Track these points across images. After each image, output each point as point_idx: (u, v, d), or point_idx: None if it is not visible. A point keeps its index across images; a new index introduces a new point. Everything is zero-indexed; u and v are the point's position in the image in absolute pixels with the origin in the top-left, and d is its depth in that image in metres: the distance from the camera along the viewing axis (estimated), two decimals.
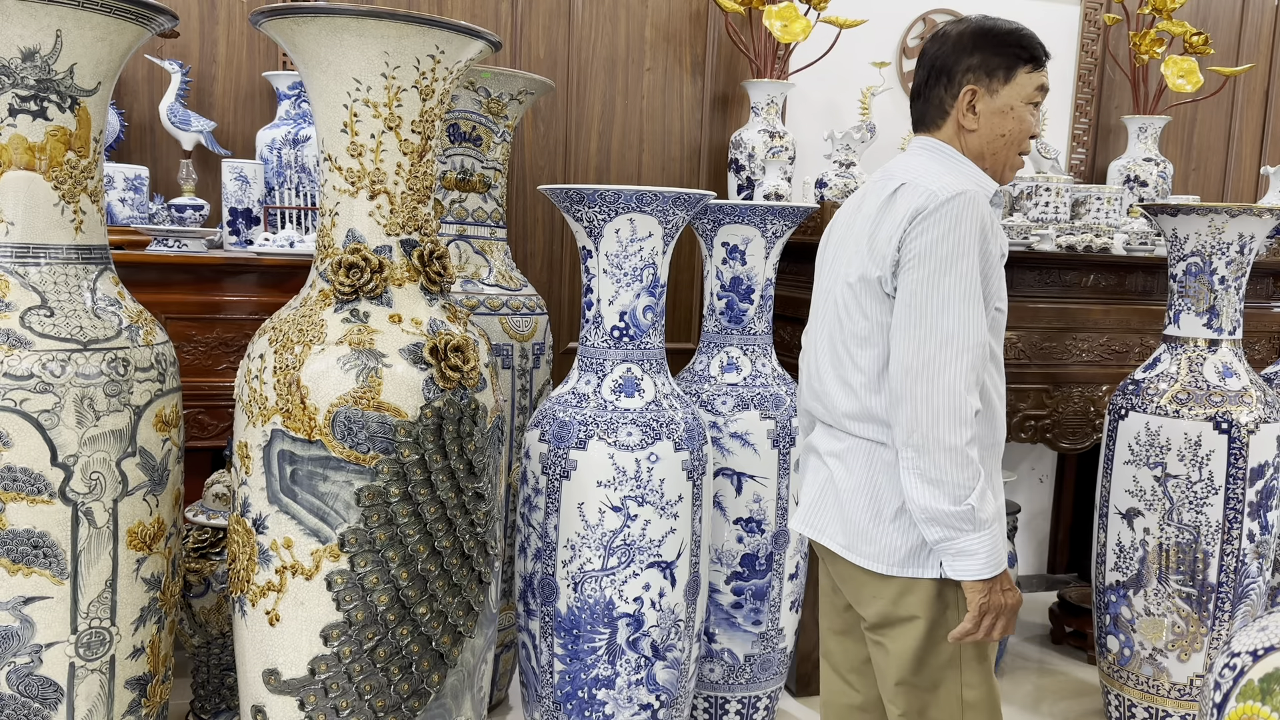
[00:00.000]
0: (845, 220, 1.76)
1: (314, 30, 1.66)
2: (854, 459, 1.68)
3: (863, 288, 1.64)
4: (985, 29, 1.67)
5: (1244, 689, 1.34)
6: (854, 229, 1.70)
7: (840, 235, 1.75)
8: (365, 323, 1.70)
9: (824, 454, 1.75)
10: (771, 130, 3.22)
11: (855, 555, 1.68)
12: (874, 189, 1.70)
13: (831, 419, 1.73)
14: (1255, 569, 2.45)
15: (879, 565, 1.65)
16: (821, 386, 1.74)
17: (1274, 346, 3.20)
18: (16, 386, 1.58)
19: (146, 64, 2.90)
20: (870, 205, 1.67)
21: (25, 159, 1.63)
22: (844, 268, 1.69)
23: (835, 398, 1.70)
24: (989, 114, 1.67)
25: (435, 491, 1.70)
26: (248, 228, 2.73)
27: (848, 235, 1.71)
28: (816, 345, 1.76)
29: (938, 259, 1.54)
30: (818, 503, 1.76)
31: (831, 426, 1.74)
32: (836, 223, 1.80)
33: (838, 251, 1.74)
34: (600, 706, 2.05)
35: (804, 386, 1.83)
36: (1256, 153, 4.14)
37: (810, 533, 1.77)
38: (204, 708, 2.39)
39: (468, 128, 2.46)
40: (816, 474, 1.78)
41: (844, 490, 1.69)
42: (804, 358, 1.83)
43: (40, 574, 1.62)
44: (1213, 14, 4.00)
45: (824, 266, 1.81)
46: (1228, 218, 2.40)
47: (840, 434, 1.71)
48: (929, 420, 1.52)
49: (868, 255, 1.63)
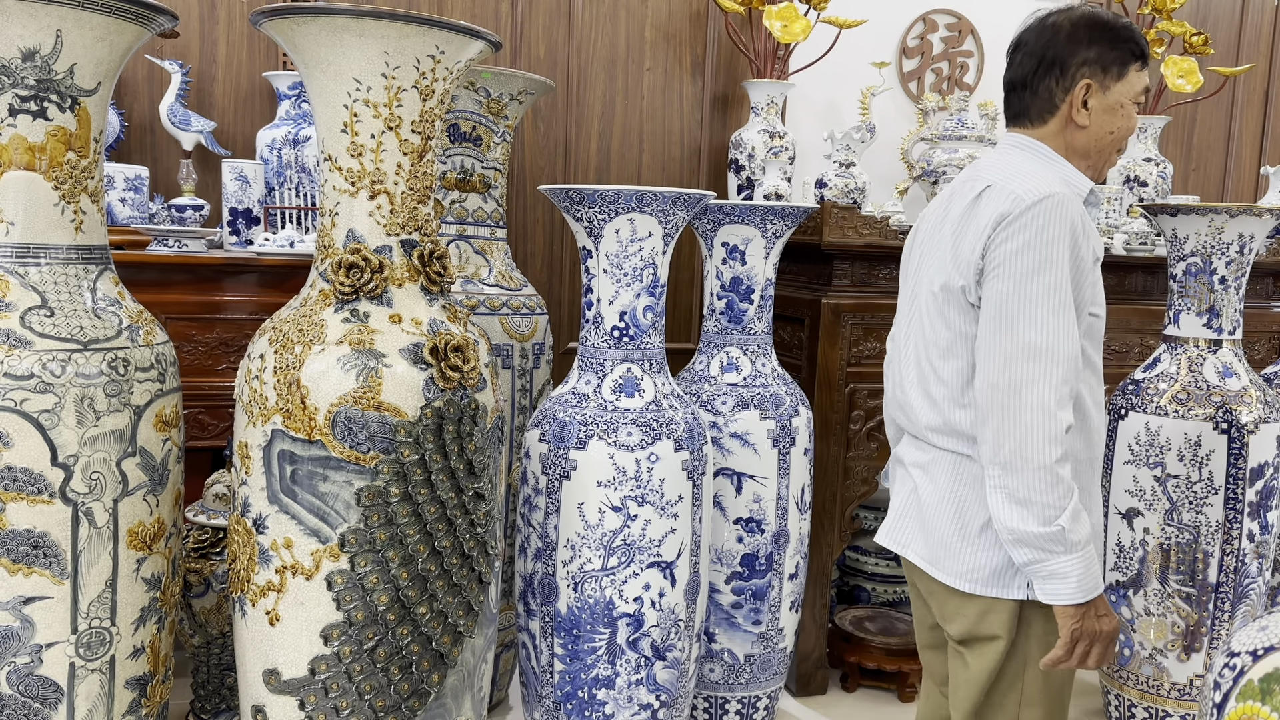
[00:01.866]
0: (932, 223, 1.68)
1: (314, 30, 1.66)
2: (939, 471, 1.63)
3: (945, 296, 1.57)
4: (1100, 21, 1.58)
5: (1244, 689, 1.34)
6: (940, 233, 1.62)
7: (925, 239, 1.68)
8: (365, 323, 1.70)
9: (909, 465, 1.70)
10: (771, 130, 3.22)
11: (939, 571, 1.63)
12: (961, 189, 1.62)
13: (915, 430, 1.68)
14: (1255, 569, 2.45)
15: (963, 583, 1.59)
16: (905, 397, 1.69)
17: (1274, 346, 3.20)
18: (16, 386, 1.58)
19: (146, 64, 2.90)
20: (956, 208, 1.59)
21: (25, 159, 1.63)
22: (928, 274, 1.63)
23: (918, 409, 1.65)
24: (1100, 110, 1.59)
25: (435, 491, 1.70)
26: (248, 228, 2.73)
27: (933, 240, 1.64)
28: (902, 354, 1.71)
29: (1024, 267, 1.47)
30: (902, 516, 1.71)
31: (916, 438, 1.69)
32: (922, 224, 1.72)
33: (923, 256, 1.67)
34: (600, 706, 2.05)
35: (889, 396, 1.78)
36: (1256, 153, 4.14)
37: (894, 546, 1.71)
38: (204, 708, 2.39)
39: (468, 128, 2.46)
40: (902, 485, 1.73)
41: (928, 503, 1.64)
42: (889, 366, 1.78)
43: (40, 574, 1.62)
44: (1213, 14, 4.00)
45: (909, 271, 1.73)
46: (1228, 218, 2.40)
47: (925, 445, 1.66)
48: (1017, 438, 1.44)
49: (951, 262, 1.56)
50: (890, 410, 1.78)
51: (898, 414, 1.74)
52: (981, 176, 1.59)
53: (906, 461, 1.71)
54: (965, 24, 3.69)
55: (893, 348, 1.77)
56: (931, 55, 3.69)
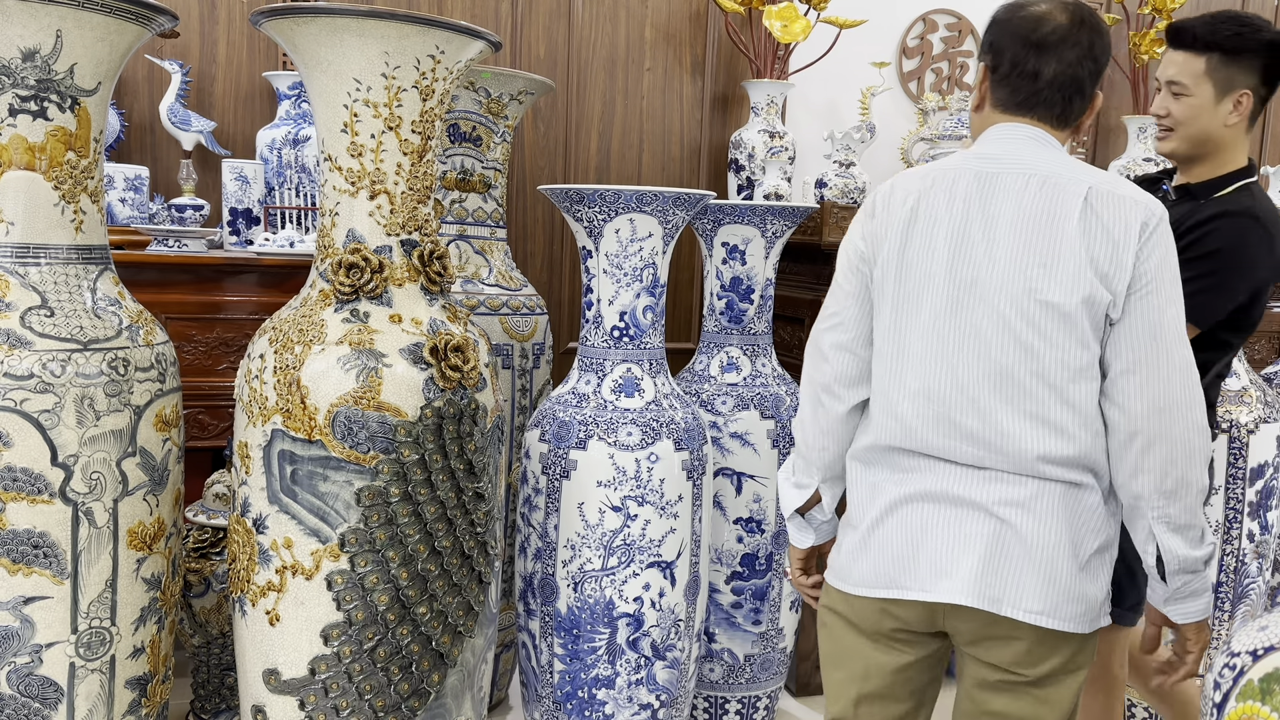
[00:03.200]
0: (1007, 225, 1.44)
1: (314, 30, 1.66)
2: (1045, 506, 1.43)
3: (1086, 313, 1.41)
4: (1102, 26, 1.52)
5: (1244, 689, 1.34)
6: (1038, 236, 1.42)
7: (989, 243, 1.44)
8: (365, 323, 1.70)
9: (991, 505, 1.44)
10: (771, 130, 3.22)
11: (1057, 620, 1.44)
12: (1032, 185, 1.44)
13: (1008, 463, 1.44)
14: (1255, 569, 2.45)
15: (1083, 625, 1.46)
16: (983, 425, 1.44)
17: (1274, 346, 3.20)
18: (16, 386, 1.58)
19: (146, 64, 2.90)
20: (1063, 210, 1.42)
21: (25, 159, 1.63)
22: (1038, 284, 1.41)
23: (1023, 439, 1.43)
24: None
25: (435, 491, 1.70)
26: (248, 228, 2.73)
27: (1019, 245, 1.43)
28: (956, 375, 1.45)
29: (1168, 281, 1.40)
30: (993, 566, 1.44)
31: (1002, 471, 1.45)
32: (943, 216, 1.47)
33: (994, 266, 1.43)
34: (600, 706, 2.06)
35: (926, 422, 1.47)
36: (1257, 153, 4.14)
37: (986, 605, 1.44)
38: (204, 708, 2.39)
39: (468, 128, 2.47)
40: (971, 529, 1.45)
41: (1039, 545, 1.43)
42: (912, 385, 1.48)
43: (40, 574, 1.62)
44: None
45: (955, 280, 1.46)
46: None
47: (1021, 479, 1.44)
48: (1184, 463, 1.39)
49: (1093, 275, 1.40)
50: (925, 439, 1.47)
51: (952, 445, 1.46)
52: (1065, 175, 1.45)
53: (984, 501, 1.45)
54: (965, 24, 3.69)
55: (922, 368, 1.48)
56: (931, 55, 3.69)
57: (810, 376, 1.62)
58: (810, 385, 1.62)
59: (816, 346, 1.61)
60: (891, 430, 1.50)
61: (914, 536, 1.48)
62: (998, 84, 1.52)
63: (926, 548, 1.47)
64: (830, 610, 1.62)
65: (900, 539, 1.49)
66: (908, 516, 1.48)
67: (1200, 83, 1.86)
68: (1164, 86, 1.91)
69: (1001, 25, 1.52)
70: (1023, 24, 1.49)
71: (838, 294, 1.58)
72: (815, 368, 1.61)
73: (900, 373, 1.49)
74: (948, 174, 1.50)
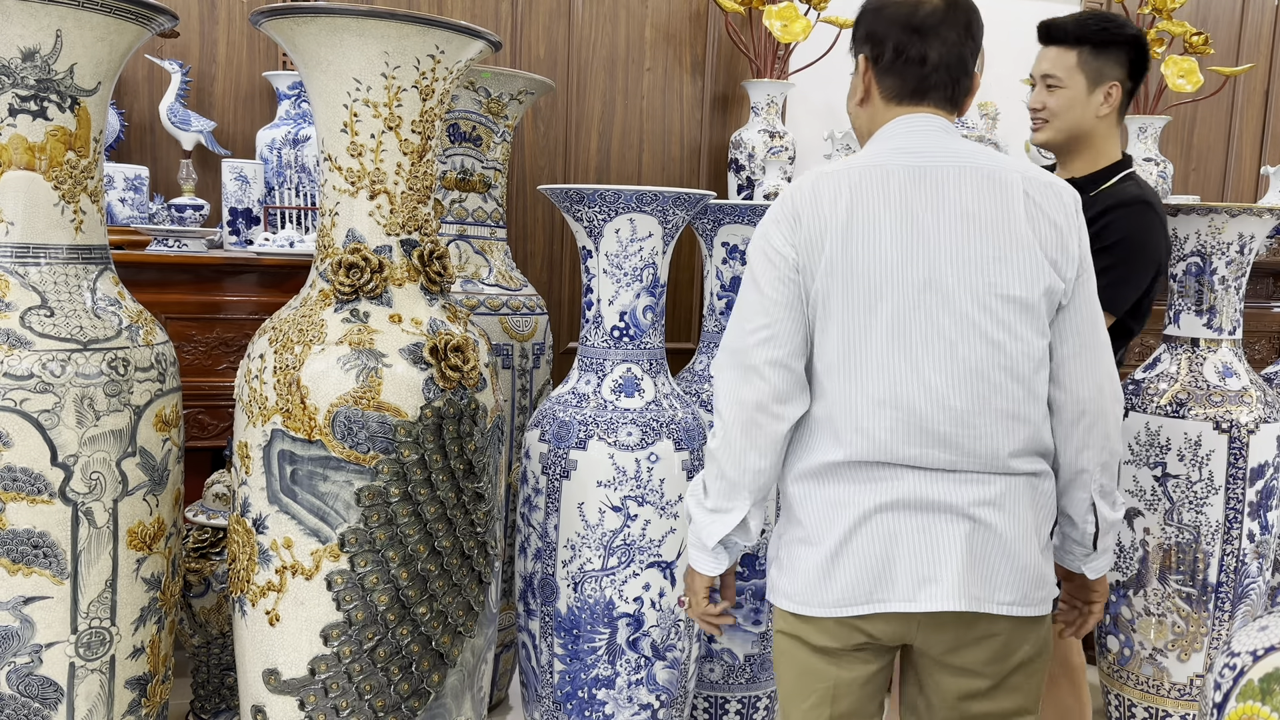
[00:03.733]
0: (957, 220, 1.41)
1: (314, 30, 1.66)
2: (1013, 500, 1.44)
3: (1045, 303, 1.42)
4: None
5: (1244, 689, 1.34)
6: (987, 230, 1.40)
7: (941, 240, 1.40)
8: (365, 323, 1.70)
9: (966, 506, 1.42)
10: (771, 130, 3.22)
11: (1029, 606, 1.45)
12: (970, 177, 1.42)
13: (979, 463, 1.43)
14: (1255, 569, 2.45)
15: (1047, 606, 1.48)
16: (956, 428, 1.41)
17: (1274, 346, 3.21)
18: (16, 386, 1.58)
19: (146, 64, 2.90)
20: (1012, 202, 1.41)
21: (25, 159, 1.63)
22: (997, 279, 1.40)
23: (994, 437, 1.41)
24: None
25: (435, 491, 1.70)
26: (248, 228, 2.73)
27: (974, 239, 1.40)
28: (924, 380, 1.41)
29: (1089, 262, 1.46)
30: (973, 567, 1.42)
31: (973, 472, 1.43)
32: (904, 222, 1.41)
33: (951, 263, 1.40)
34: (600, 706, 2.06)
35: (894, 433, 1.42)
36: (1256, 153, 4.15)
37: (976, 606, 1.43)
38: (204, 708, 2.39)
39: (468, 128, 2.46)
40: (945, 534, 1.42)
41: (1011, 539, 1.43)
42: (876, 396, 1.42)
43: (40, 574, 1.62)
44: (1213, 14, 4.00)
45: (909, 282, 1.41)
46: (1228, 218, 2.40)
47: (990, 477, 1.43)
48: (1115, 435, 1.46)
49: (1047, 265, 1.41)
50: (889, 447, 1.42)
51: (916, 451, 1.42)
52: (992, 165, 1.44)
53: (957, 503, 1.42)
54: None
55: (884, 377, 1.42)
56: None
57: (738, 396, 1.47)
58: (739, 406, 1.46)
59: (745, 363, 1.46)
60: (856, 445, 1.43)
61: (887, 548, 1.43)
62: (884, 73, 1.49)
63: (902, 558, 1.42)
64: (789, 636, 1.53)
65: (873, 552, 1.43)
66: (877, 528, 1.43)
67: (1073, 75, 1.98)
68: (1038, 81, 2.04)
69: (876, 14, 1.49)
70: (899, 10, 1.46)
71: (765, 305, 1.45)
72: (746, 385, 1.46)
73: (860, 384, 1.42)
74: (874, 171, 1.44)
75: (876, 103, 1.52)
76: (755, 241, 1.49)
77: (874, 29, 1.49)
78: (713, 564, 1.56)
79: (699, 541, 1.55)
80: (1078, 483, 1.52)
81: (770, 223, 1.47)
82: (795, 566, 1.49)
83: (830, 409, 1.45)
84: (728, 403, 1.48)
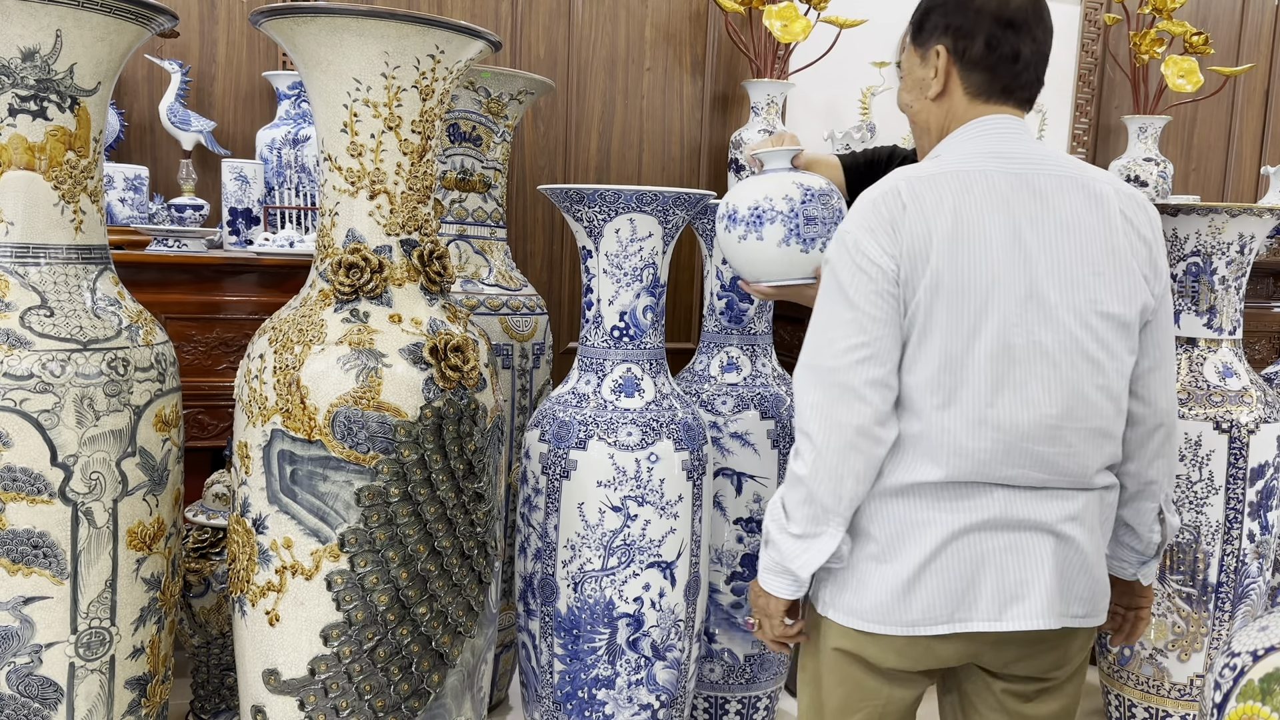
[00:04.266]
0: (1059, 233, 1.36)
1: (314, 30, 1.66)
2: (1090, 514, 1.43)
3: (1140, 321, 1.41)
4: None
5: (1244, 689, 1.34)
6: (1087, 245, 1.36)
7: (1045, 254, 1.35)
8: (365, 323, 1.70)
9: (1054, 523, 1.39)
10: (771, 130, 3.22)
11: (1096, 617, 1.46)
12: (1069, 188, 1.38)
13: (1068, 480, 1.40)
14: (1255, 569, 2.45)
15: (1105, 614, 1.50)
16: (1055, 448, 1.37)
17: (1274, 346, 3.21)
18: (16, 386, 1.58)
19: (146, 64, 2.90)
20: (1102, 215, 1.38)
21: (25, 159, 1.63)
22: (1097, 295, 1.36)
23: (1086, 454, 1.39)
24: None
25: (435, 491, 1.70)
26: (248, 228, 2.73)
27: (1074, 254, 1.36)
28: (1028, 400, 1.35)
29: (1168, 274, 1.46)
30: (1059, 583, 1.40)
31: (1060, 489, 1.40)
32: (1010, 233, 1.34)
33: (1053, 278, 1.35)
34: (600, 706, 2.05)
35: (995, 454, 1.36)
36: (1256, 153, 4.15)
37: (1060, 622, 1.42)
38: (204, 708, 2.39)
39: (468, 128, 2.46)
40: (1035, 554, 1.39)
41: (1089, 553, 1.42)
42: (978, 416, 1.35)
43: (40, 574, 1.62)
44: (1213, 14, 4.00)
45: (1014, 297, 1.34)
46: (1228, 218, 2.40)
47: (1074, 494, 1.41)
48: (1179, 445, 1.57)
49: (1142, 282, 1.39)
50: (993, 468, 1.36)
51: (1018, 471, 1.37)
52: (1086, 175, 1.40)
53: (1048, 520, 1.39)
54: None
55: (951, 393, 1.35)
56: None
57: (834, 419, 1.36)
58: (836, 430, 1.36)
59: (843, 384, 1.36)
60: (953, 466, 1.36)
61: (972, 568, 1.38)
62: (971, 68, 1.42)
63: (988, 577, 1.38)
64: (846, 654, 1.47)
65: (957, 572, 1.38)
66: (964, 548, 1.38)
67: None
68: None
69: (961, 5, 1.42)
70: (990, 1, 1.40)
71: (861, 321, 1.35)
72: (843, 407, 1.36)
73: (960, 402, 1.35)
74: (976, 177, 1.37)
75: (956, 99, 1.45)
76: (842, 251, 1.38)
77: (959, 21, 1.42)
78: (793, 589, 1.47)
79: (781, 567, 1.45)
80: (1146, 494, 1.50)
81: (862, 231, 1.36)
82: (864, 583, 1.42)
83: (923, 427, 1.37)
84: (822, 426, 1.37)
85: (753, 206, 1.85)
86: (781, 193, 1.83)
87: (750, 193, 1.87)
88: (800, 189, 1.84)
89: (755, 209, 1.84)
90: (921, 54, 1.48)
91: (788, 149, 1.89)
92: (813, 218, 1.81)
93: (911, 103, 1.52)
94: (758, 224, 1.83)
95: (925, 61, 1.47)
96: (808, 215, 1.80)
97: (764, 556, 1.48)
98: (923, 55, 1.48)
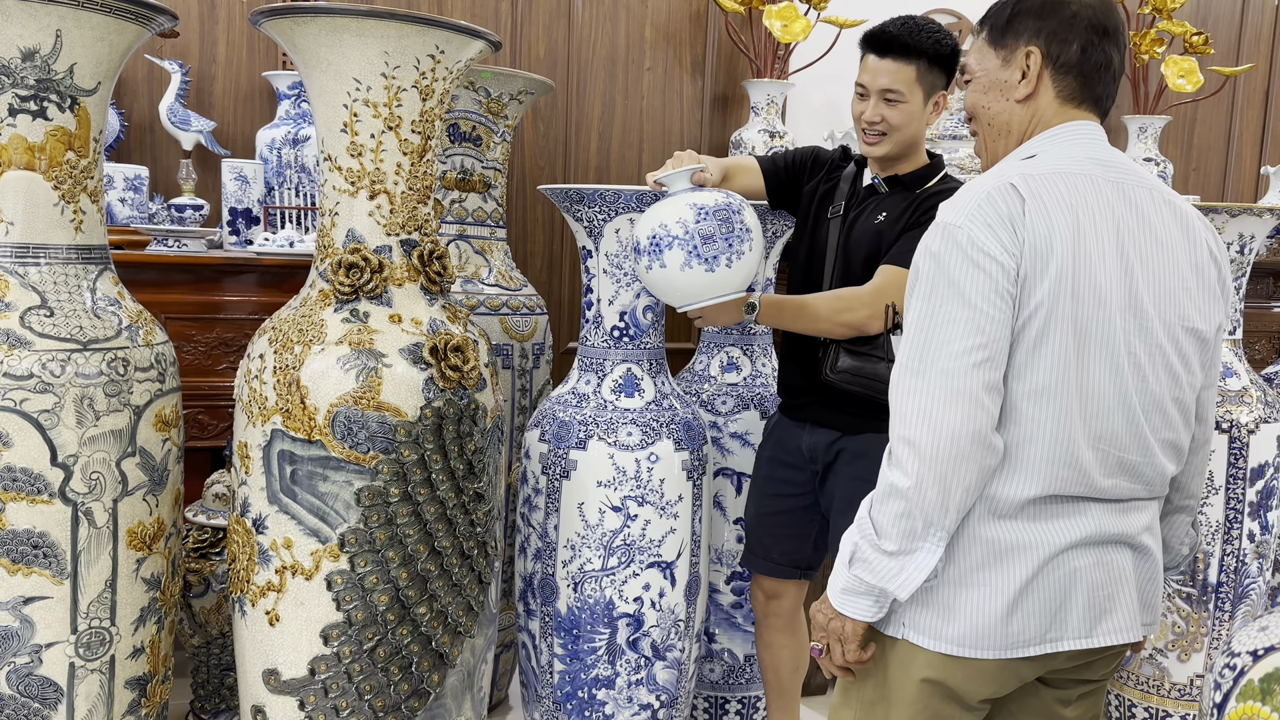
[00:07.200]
0: (1155, 245, 1.35)
1: (314, 30, 1.66)
2: (1156, 524, 1.44)
3: (1215, 337, 1.42)
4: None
5: (1244, 689, 1.34)
6: (1176, 259, 1.36)
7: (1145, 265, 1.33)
8: (365, 323, 1.70)
9: (1134, 535, 1.38)
10: (771, 130, 3.22)
11: (1155, 626, 1.46)
12: (1159, 203, 1.37)
13: (1150, 490, 1.40)
14: (1255, 569, 2.45)
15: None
16: (1144, 459, 1.36)
17: (1274, 346, 3.21)
18: (16, 386, 1.58)
19: (146, 64, 2.90)
20: (1196, 234, 1.39)
21: (25, 159, 1.63)
22: (1186, 310, 1.36)
23: (1163, 466, 1.39)
24: None
25: (435, 491, 1.70)
26: (248, 228, 2.73)
27: (1167, 267, 1.35)
28: (1130, 412, 1.34)
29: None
30: (1145, 595, 1.41)
31: (1141, 500, 1.40)
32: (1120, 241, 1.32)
33: (1150, 289, 1.33)
34: (600, 706, 2.05)
35: (1098, 467, 1.33)
36: (1256, 153, 4.14)
37: (1147, 632, 1.44)
38: (204, 708, 2.39)
39: (468, 128, 2.46)
40: (1129, 566, 1.39)
41: (1159, 562, 1.44)
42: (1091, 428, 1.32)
43: (40, 574, 1.62)
44: (1213, 14, 4.00)
45: (1122, 306, 1.32)
46: (1228, 218, 2.40)
47: (1149, 504, 1.41)
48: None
49: (1219, 297, 1.41)
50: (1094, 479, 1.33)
51: (1112, 482, 1.35)
52: (1162, 189, 1.40)
53: (1132, 532, 1.38)
54: (965, 24, 3.69)
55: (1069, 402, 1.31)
56: None
57: (951, 427, 1.26)
58: (952, 439, 1.26)
59: (958, 388, 1.27)
60: (1059, 478, 1.31)
61: (1065, 586, 1.33)
62: (1064, 73, 1.39)
63: (1079, 593, 1.34)
64: (933, 683, 1.36)
65: (1051, 592, 1.33)
66: (1059, 567, 1.33)
67: (913, 89, 1.94)
68: (874, 95, 1.96)
69: (1056, 7, 1.39)
70: (1086, 7, 1.38)
71: (978, 320, 1.27)
72: (956, 412, 1.26)
73: (1069, 411, 1.30)
74: (1084, 180, 1.33)
75: (1045, 102, 1.41)
76: (952, 247, 1.29)
77: (1054, 25, 1.39)
78: (875, 611, 1.36)
79: (868, 586, 1.33)
80: (1184, 508, 1.52)
81: (978, 226, 1.28)
82: (958, 608, 1.34)
83: (1027, 437, 1.31)
84: (932, 433, 1.27)
85: (650, 235, 1.84)
86: (675, 217, 1.82)
87: (648, 222, 1.86)
88: (694, 209, 1.82)
89: (653, 237, 1.83)
90: (1004, 55, 1.43)
91: (685, 169, 1.88)
92: (709, 235, 1.80)
93: (989, 104, 1.46)
94: (657, 252, 1.82)
95: (1009, 64, 1.43)
96: (704, 234, 1.80)
97: (844, 577, 1.35)
98: (1005, 57, 1.43)
